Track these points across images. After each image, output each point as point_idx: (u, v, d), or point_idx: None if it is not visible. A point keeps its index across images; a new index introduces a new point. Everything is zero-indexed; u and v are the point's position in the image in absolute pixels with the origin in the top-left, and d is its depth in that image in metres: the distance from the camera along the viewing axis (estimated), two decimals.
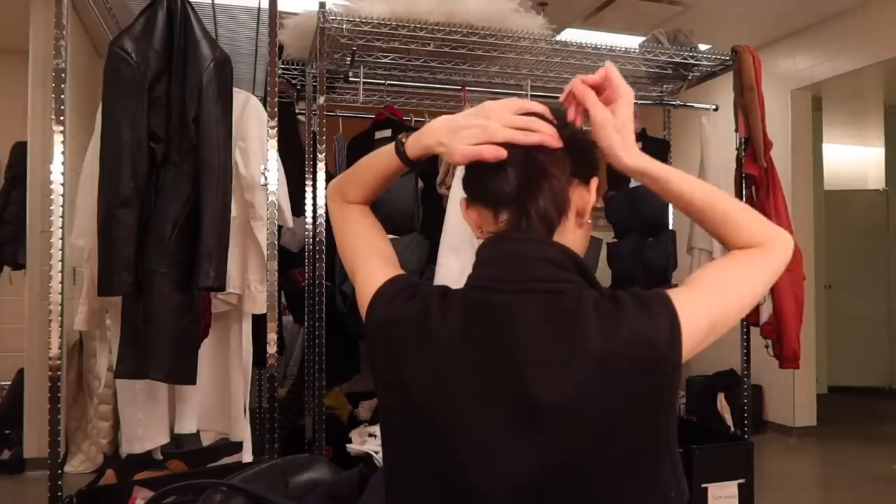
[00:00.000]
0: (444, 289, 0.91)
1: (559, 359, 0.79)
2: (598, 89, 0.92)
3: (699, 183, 0.92)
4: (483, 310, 0.85)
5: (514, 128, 0.87)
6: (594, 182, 0.93)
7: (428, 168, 3.05)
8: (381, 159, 1.01)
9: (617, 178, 3.35)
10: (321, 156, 2.65)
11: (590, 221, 0.93)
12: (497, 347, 0.82)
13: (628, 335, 0.79)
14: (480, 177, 0.90)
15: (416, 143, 0.95)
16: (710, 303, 0.85)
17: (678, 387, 0.81)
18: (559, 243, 0.87)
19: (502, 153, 0.86)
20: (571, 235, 0.90)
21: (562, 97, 0.96)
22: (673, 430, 0.81)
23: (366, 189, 1.04)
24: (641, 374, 0.79)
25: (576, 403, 0.78)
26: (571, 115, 0.93)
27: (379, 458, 2.51)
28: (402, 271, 0.98)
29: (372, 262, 0.99)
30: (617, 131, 0.89)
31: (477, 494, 0.82)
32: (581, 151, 0.90)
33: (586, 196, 0.92)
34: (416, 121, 3.59)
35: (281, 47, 2.93)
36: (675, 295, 0.84)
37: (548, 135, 0.87)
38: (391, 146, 0.98)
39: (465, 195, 0.95)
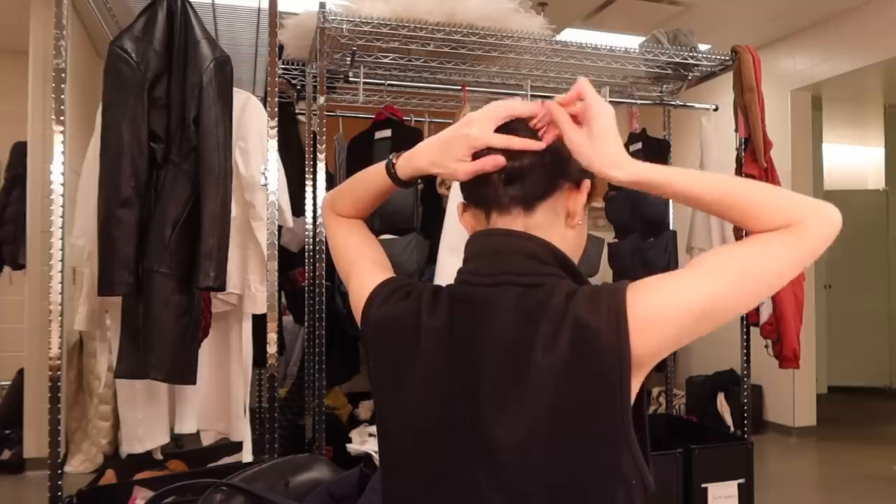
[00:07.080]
0: (437, 287, 0.92)
1: (516, 389, 0.80)
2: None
3: (704, 177, 0.84)
4: (464, 303, 0.87)
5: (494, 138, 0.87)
6: (585, 184, 0.92)
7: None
8: (373, 176, 1.00)
9: None
10: (321, 156, 2.65)
11: (581, 223, 0.93)
12: (473, 348, 0.83)
13: (571, 321, 0.78)
14: (475, 180, 0.90)
15: (407, 165, 0.95)
16: (703, 285, 0.78)
17: (628, 376, 0.77)
18: (539, 238, 0.88)
19: (501, 161, 0.86)
20: (559, 236, 0.90)
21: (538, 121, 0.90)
22: (629, 423, 0.79)
23: (358, 204, 1.05)
24: (588, 371, 0.78)
25: (532, 445, 0.79)
26: (549, 139, 0.87)
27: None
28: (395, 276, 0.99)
29: (365, 266, 1.00)
30: (596, 149, 0.83)
31: (462, 495, 0.83)
32: (564, 155, 0.88)
33: (577, 198, 0.91)
34: (415, 121, 3.59)
35: (281, 47, 2.93)
36: (640, 283, 0.80)
37: (527, 143, 0.86)
38: (382, 165, 0.98)
39: (462, 200, 0.96)
